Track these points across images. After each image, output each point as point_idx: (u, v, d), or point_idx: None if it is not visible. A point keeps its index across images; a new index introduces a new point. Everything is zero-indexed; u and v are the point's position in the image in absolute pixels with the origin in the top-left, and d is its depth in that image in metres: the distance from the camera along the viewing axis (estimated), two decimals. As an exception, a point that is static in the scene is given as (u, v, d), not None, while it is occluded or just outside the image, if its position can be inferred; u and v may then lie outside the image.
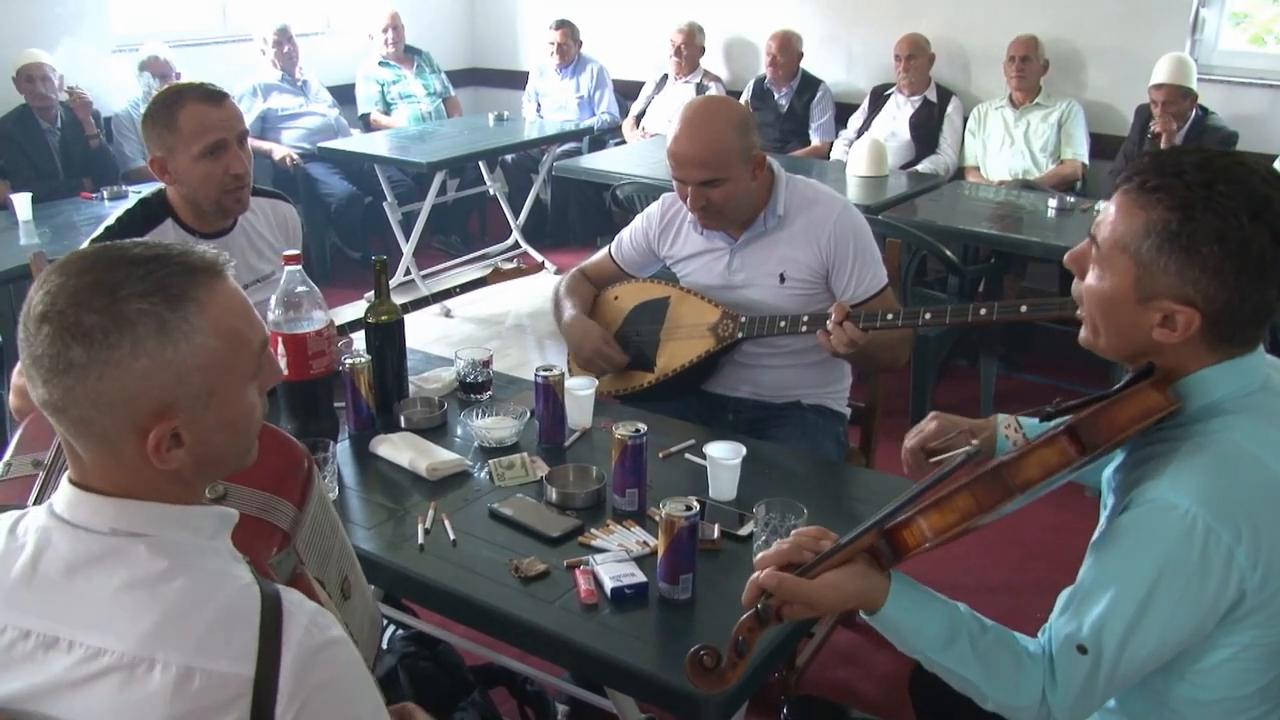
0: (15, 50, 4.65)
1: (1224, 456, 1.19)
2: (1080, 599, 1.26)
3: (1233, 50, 4.81)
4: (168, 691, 0.93)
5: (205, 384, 1.00)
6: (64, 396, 0.97)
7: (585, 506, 1.86)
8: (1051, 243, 3.66)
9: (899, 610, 1.29)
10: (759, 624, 1.27)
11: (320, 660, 0.98)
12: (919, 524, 1.24)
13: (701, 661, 1.26)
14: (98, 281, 0.96)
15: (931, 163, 5.05)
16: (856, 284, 2.34)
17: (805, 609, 1.29)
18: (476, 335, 4.84)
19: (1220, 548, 1.16)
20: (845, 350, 2.15)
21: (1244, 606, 1.19)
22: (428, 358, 2.55)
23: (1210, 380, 1.24)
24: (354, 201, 5.46)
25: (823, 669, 2.60)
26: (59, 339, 0.95)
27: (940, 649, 1.28)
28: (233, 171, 2.19)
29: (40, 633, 0.98)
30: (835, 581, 1.27)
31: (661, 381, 2.43)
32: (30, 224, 3.92)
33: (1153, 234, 1.18)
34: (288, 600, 0.99)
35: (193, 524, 1.03)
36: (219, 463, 1.07)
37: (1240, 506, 1.17)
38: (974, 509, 1.21)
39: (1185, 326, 1.20)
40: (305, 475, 1.27)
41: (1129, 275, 1.22)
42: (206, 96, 2.18)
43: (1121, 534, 1.23)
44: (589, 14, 6.24)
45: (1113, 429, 1.20)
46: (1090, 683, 1.23)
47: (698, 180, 2.27)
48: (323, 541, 1.32)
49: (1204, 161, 1.19)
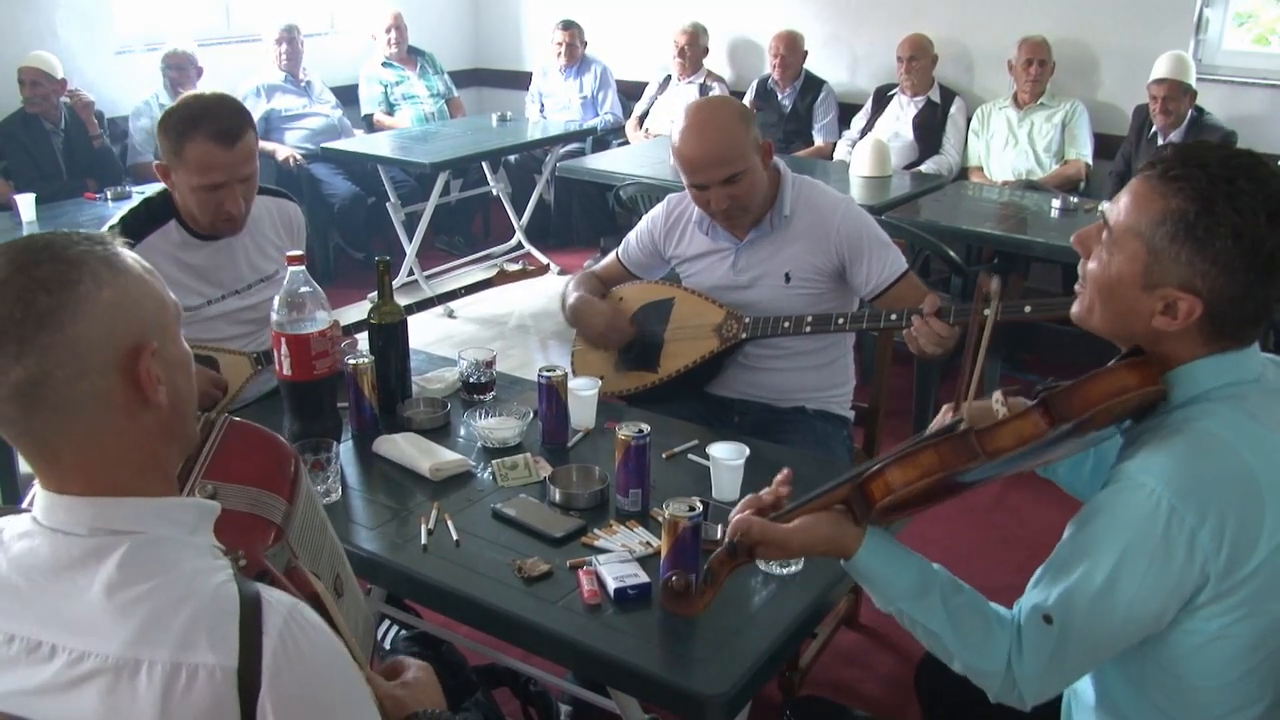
0: (19, 52, 4.66)
1: (1197, 441, 1.21)
2: (1052, 571, 1.28)
3: (1236, 50, 4.81)
4: (156, 691, 0.93)
5: (158, 314, 1.03)
6: (44, 360, 0.94)
7: (588, 507, 1.86)
8: (1055, 243, 3.65)
9: (871, 556, 1.32)
10: (729, 557, 1.34)
11: (300, 651, 0.98)
12: (885, 475, 1.28)
13: (673, 586, 1.35)
14: (30, 246, 0.98)
15: (935, 163, 5.05)
16: (878, 273, 2.34)
17: (776, 549, 1.34)
18: (480, 336, 4.84)
19: (1183, 529, 1.18)
20: (934, 349, 2.11)
21: (1208, 591, 1.21)
22: (431, 358, 2.56)
23: (1198, 373, 1.25)
24: (357, 202, 5.47)
25: (825, 670, 2.59)
26: (20, 299, 0.94)
27: (912, 599, 1.31)
28: (226, 209, 2.21)
29: (24, 637, 0.97)
30: (806, 524, 1.32)
31: (666, 382, 2.43)
32: (34, 225, 3.93)
33: (1169, 221, 1.19)
34: (266, 595, 1.00)
35: (172, 517, 1.03)
36: (184, 414, 1.08)
37: (1206, 490, 1.19)
38: (936, 466, 1.24)
39: (1186, 315, 1.21)
40: (293, 472, 1.28)
41: (1139, 261, 1.23)
42: (219, 136, 2.14)
43: (1093, 510, 1.26)
44: (592, 14, 6.24)
45: (1084, 404, 1.22)
46: (1056, 655, 1.25)
47: (720, 179, 2.26)
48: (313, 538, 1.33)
49: (1228, 157, 1.20)
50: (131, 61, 5.29)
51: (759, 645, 1.50)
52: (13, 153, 4.52)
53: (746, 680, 1.45)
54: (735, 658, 1.47)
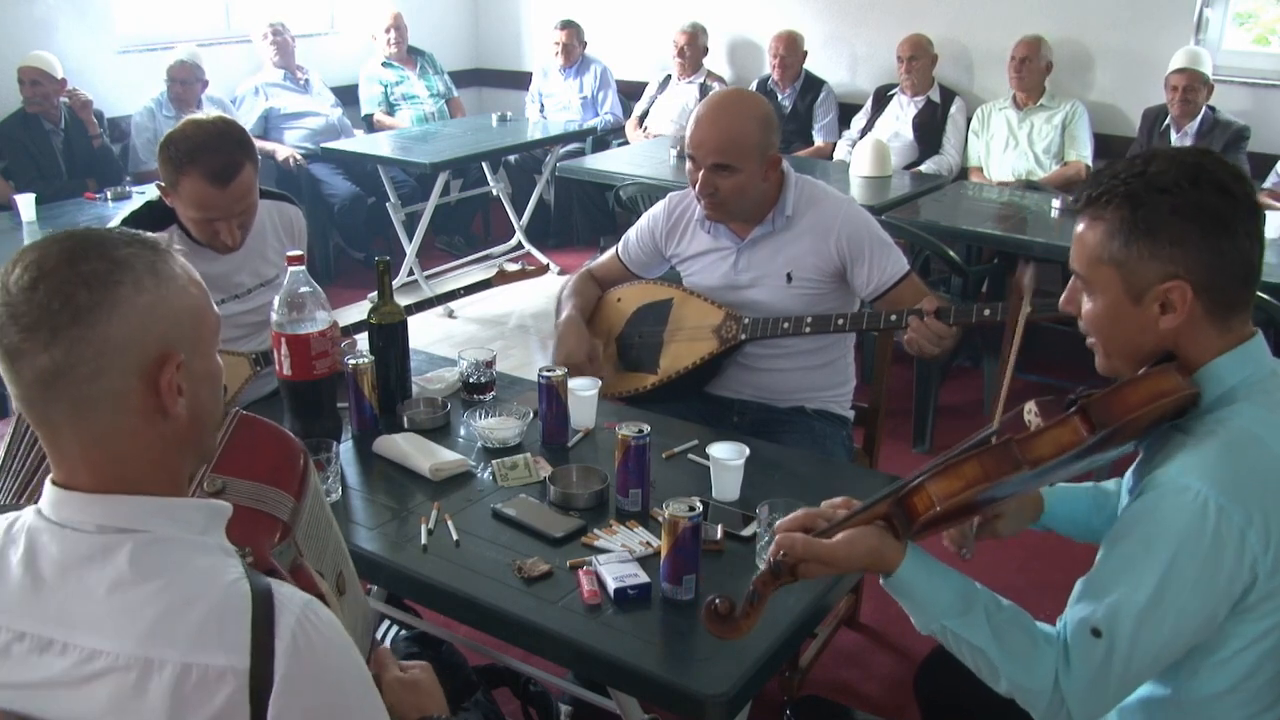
0: (19, 52, 4.66)
1: (1232, 441, 1.22)
2: (1096, 584, 1.26)
3: (1237, 50, 4.81)
4: (166, 690, 0.93)
5: (194, 327, 1.04)
6: (71, 352, 0.95)
7: (588, 507, 1.86)
8: (1055, 243, 3.65)
9: (913, 573, 1.30)
10: (773, 577, 1.32)
11: (312, 651, 0.98)
12: (927, 489, 1.26)
13: (716, 610, 1.32)
14: (85, 240, 1.00)
15: (935, 163, 5.05)
16: (879, 274, 2.34)
17: (820, 567, 1.31)
18: (480, 336, 4.84)
19: (1233, 528, 1.18)
20: (933, 350, 2.11)
21: (1256, 592, 1.21)
22: (431, 358, 2.55)
23: (1222, 369, 1.27)
24: (357, 202, 5.47)
25: (826, 670, 2.59)
26: (60, 291, 0.95)
27: (955, 616, 1.29)
28: (221, 239, 2.23)
29: (34, 635, 0.98)
30: (850, 539, 1.30)
31: (665, 383, 2.43)
32: (34, 225, 3.92)
33: (1116, 234, 1.26)
34: (279, 593, 0.99)
35: (181, 517, 1.02)
36: (204, 427, 1.08)
37: (1249, 489, 1.19)
38: (980, 477, 1.23)
39: (1182, 301, 1.24)
40: (302, 468, 1.27)
41: (1115, 282, 1.28)
42: (213, 176, 2.12)
43: (1135, 519, 1.25)
44: (592, 14, 6.24)
45: (1123, 409, 1.22)
46: (1104, 668, 1.22)
47: (710, 163, 2.27)
48: (319, 536, 1.33)
49: (1129, 161, 1.28)
50: (132, 61, 5.29)
51: (759, 645, 1.49)
52: (13, 153, 4.52)
53: (746, 680, 1.45)
54: (735, 658, 1.47)
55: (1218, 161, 1.26)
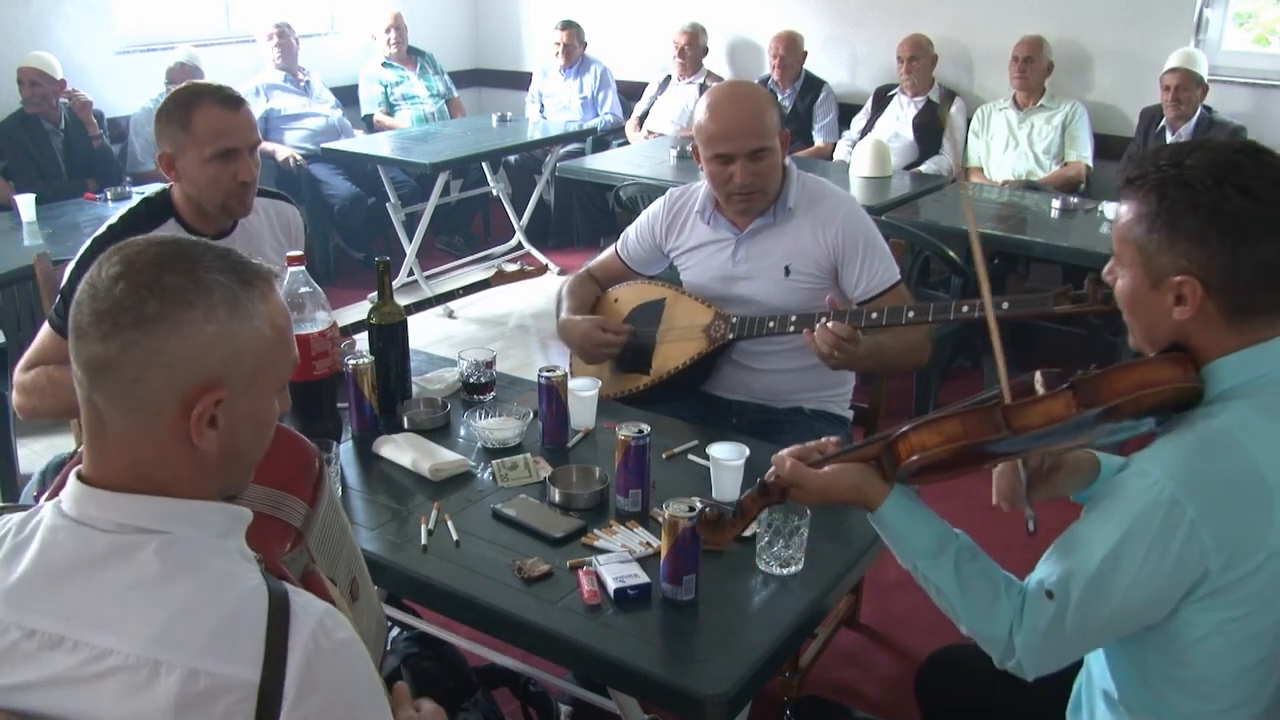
0: (18, 52, 4.66)
1: (1208, 438, 1.24)
2: (1061, 548, 1.32)
3: (1237, 50, 4.81)
4: (172, 694, 0.93)
5: (253, 369, 1.04)
6: (122, 351, 0.97)
7: (588, 507, 1.86)
8: (1054, 243, 3.65)
9: (895, 511, 1.40)
10: (760, 495, 1.49)
11: (326, 664, 0.97)
12: (911, 437, 1.34)
13: (706, 515, 1.50)
14: (179, 252, 1.01)
15: (934, 163, 5.05)
16: (867, 279, 2.34)
17: (805, 493, 1.45)
18: (480, 336, 4.84)
19: (1183, 521, 1.20)
20: (829, 350, 2.09)
21: (1208, 584, 1.23)
22: (431, 358, 2.55)
23: (1224, 369, 1.28)
24: (357, 202, 5.47)
25: (826, 670, 2.59)
26: (136, 293, 0.98)
27: (927, 558, 1.38)
28: (240, 179, 2.18)
29: (45, 632, 0.97)
30: (836, 472, 1.42)
31: (657, 384, 2.42)
32: (34, 225, 3.92)
33: (1142, 219, 1.27)
34: (295, 602, 0.99)
35: (201, 521, 1.03)
36: (237, 461, 1.08)
37: (1211, 487, 1.21)
38: (960, 434, 1.30)
39: (1193, 297, 1.25)
40: (317, 474, 1.26)
41: (1138, 265, 1.29)
42: (224, 100, 2.16)
43: (1106, 493, 1.30)
44: (592, 15, 6.24)
45: (1111, 392, 1.26)
46: (1053, 628, 1.28)
47: (748, 150, 2.25)
48: (333, 542, 1.32)
49: (1175, 149, 1.28)
50: (131, 62, 5.29)
51: (759, 645, 1.50)
52: (13, 153, 4.52)
53: (746, 680, 1.45)
54: (735, 658, 1.47)
55: (1260, 164, 1.25)
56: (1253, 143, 1.33)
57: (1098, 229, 3.78)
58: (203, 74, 5.02)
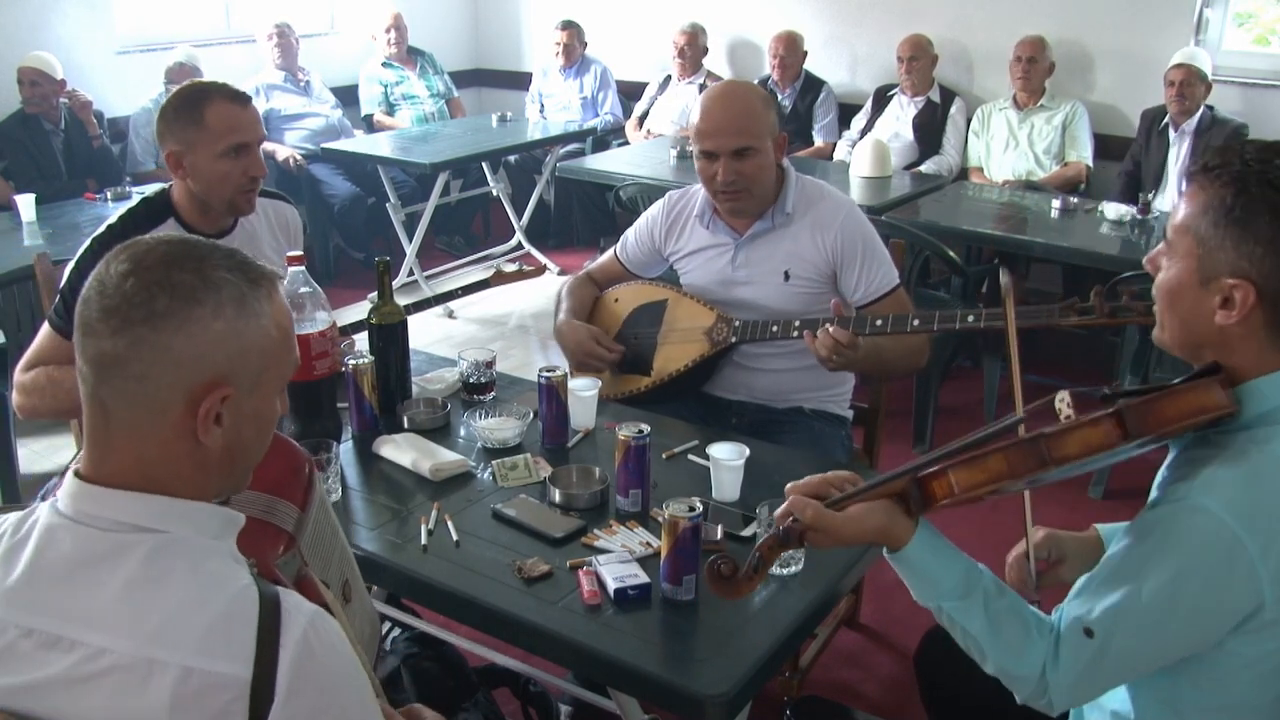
0: (18, 52, 4.66)
1: (1261, 467, 1.19)
2: (1097, 584, 1.26)
3: (1237, 51, 4.81)
4: (166, 693, 0.93)
5: (259, 367, 1.05)
6: (131, 347, 0.98)
7: (588, 507, 1.85)
8: (1055, 244, 3.65)
9: (921, 551, 1.31)
10: (779, 543, 1.33)
11: (317, 663, 0.98)
12: (949, 477, 1.25)
13: (719, 570, 1.33)
14: (188, 250, 1.03)
15: (935, 163, 5.05)
16: (866, 284, 2.34)
17: (827, 537, 1.32)
18: (480, 336, 4.84)
19: (1243, 556, 1.16)
20: (827, 355, 2.10)
21: (1261, 617, 1.19)
22: (431, 358, 2.55)
23: (1266, 388, 1.23)
24: (357, 202, 5.47)
25: (826, 670, 2.59)
26: (146, 289, 0.99)
27: (955, 598, 1.31)
28: (251, 174, 2.19)
29: (42, 631, 0.98)
30: (860, 514, 1.31)
31: (658, 386, 2.42)
32: (34, 225, 3.91)
33: (1210, 210, 1.20)
34: (286, 602, 0.99)
35: (197, 521, 1.03)
36: (239, 461, 1.09)
37: (1268, 519, 1.17)
38: (1005, 472, 1.22)
39: (1243, 303, 1.19)
40: (307, 478, 1.27)
41: (1192, 257, 1.23)
42: (234, 97, 2.18)
43: (1149, 529, 1.24)
44: (592, 15, 6.24)
45: (1161, 420, 1.20)
46: (1092, 668, 1.24)
47: (731, 148, 2.26)
48: (324, 545, 1.32)
49: (1266, 145, 1.21)
50: (131, 61, 5.29)
51: (759, 645, 1.50)
52: (13, 153, 4.52)
53: (746, 680, 1.44)
54: (735, 658, 1.47)
55: None
56: None
57: (1098, 229, 3.79)
58: (202, 74, 5.02)
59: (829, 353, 2.10)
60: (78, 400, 1.04)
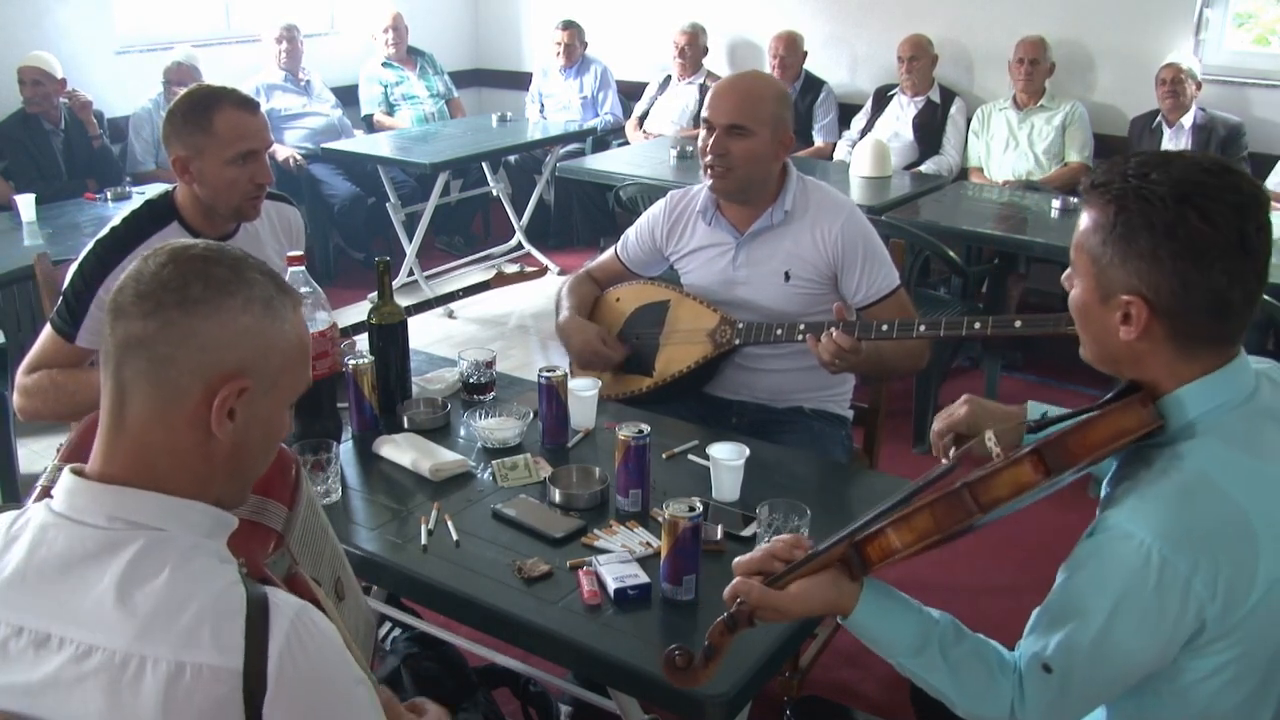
0: (19, 52, 4.66)
1: (1185, 486, 1.18)
2: (1047, 618, 1.26)
3: (1237, 51, 4.81)
4: (159, 688, 0.94)
5: (278, 369, 1.08)
6: (161, 329, 1.01)
7: (588, 507, 1.86)
8: (1055, 243, 3.65)
9: (868, 616, 1.30)
10: (728, 630, 1.30)
11: (306, 656, 0.98)
12: (886, 537, 1.25)
13: (675, 661, 1.30)
14: (225, 252, 1.08)
15: (935, 163, 5.05)
16: (867, 286, 2.34)
17: (775, 614, 1.30)
18: (480, 336, 4.84)
19: (1177, 579, 1.15)
20: (829, 358, 2.11)
21: (1207, 634, 1.19)
22: (431, 358, 2.55)
23: (1185, 400, 1.22)
24: (357, 202, 5.47)
25: (826, 670, 2.59)
26: (183, 276, 1.03)
27: (910, 655, 1.30)
28: (258, 181, 2.19)
29: (33, 630, 0.98)
30: (802, 591, 1.29)
31: (660, 386, 2.42)
32: (34, 225, 3.92)
33: (1099, 229, 1.21)
34: (274, 597, 1.00)
35: (190, 519, 1.04)
36: (242, 466, 1.10)
37: (1198, 538, 1.16)
38: (932, 529, 1.21)
39: (1138, 318, 1.19)
40: (294, 478, 1.28)
41: (1089, 276, 1.24)
42: (243, 103, 2.17)
43: (1084, 559, 1.23)
44: (592, 15, 6.24)
45: (1083, 450, 1.19)
46: (1057, 703, 1.24)
47: (725, 122, 2.27)
48: (314, 543, 1.33)
49: (1144, 160, 1.21)
50: (131, 61, 5.29)
51: (759, 645, 1.50)
52: (13, 153, 4.52)
53: (746, 680, 1.45)
54: (735, 658, 1.46)
55: (1227, 186, 1.17)
56: (1223, 162, 1.23)
57: (1098, 229, 3.78)
58: (201, 74, 5.02)
59: (832, 357, 2.11)
60: (80, 404, 1.05)
